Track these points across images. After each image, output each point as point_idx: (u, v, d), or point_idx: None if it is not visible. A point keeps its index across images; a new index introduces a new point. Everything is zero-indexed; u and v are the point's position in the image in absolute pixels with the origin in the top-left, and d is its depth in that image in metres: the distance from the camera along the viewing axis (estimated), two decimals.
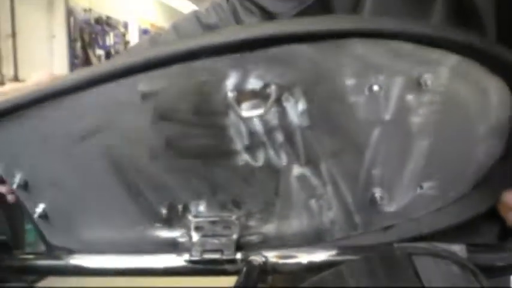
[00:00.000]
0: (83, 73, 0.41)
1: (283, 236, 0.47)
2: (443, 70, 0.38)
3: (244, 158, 0.42)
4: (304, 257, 0.45)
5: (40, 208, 0.48)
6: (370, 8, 0.48)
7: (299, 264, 0.45)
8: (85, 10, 4.31)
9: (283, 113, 0.41)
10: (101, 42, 4.69)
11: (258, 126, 0.42)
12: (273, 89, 0.40)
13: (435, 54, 0.38)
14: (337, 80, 0.39)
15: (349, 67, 0.39)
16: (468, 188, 0.43)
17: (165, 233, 0.47)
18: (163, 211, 0.45)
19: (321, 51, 0.39)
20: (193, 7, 5.97)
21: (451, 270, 0.37)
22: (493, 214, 0.44)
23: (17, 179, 0.47)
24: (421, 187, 0.43)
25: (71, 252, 0.48)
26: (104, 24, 4.65)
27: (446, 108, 0.39)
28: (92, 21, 4.44)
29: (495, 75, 0.38)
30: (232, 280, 0.42)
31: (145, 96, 0.41)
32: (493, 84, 0.38)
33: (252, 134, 0.42)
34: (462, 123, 0.40)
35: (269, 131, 0.42)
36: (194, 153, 0.42)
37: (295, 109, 0.41)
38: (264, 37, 0.39)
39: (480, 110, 0.39)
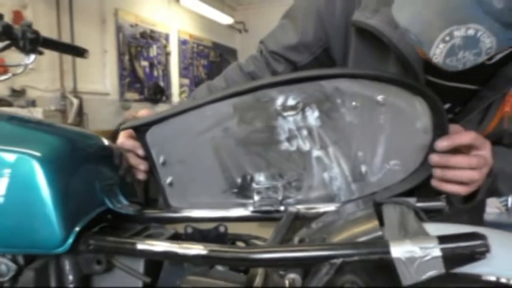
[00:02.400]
0: (203, 99, 0.77)
1: (309, 199, 0.78)
2: (389, 93, 0.69)
3: (285, 145, 0.76)
4: (322, 209, 0.76)
5: (169, 179, 0.83)
6: (352, 59, 0.80)
7: (318, 213, 0.76)
8: (131, 26, 4.75)
9: (306, 118, 0.74)
10: (145, 54, 5.12)
11: (292, 125, 0.75)
12: (300, 105, 0.73)
13: (384, 85, 0.69)
14: (334, 100, 0.71)
15: (339, 93, 0.71)
16: (417, 164, 0.73)
17: (239, 195, 0.80)
18: (239, 180, 0.78)
19: (326, 84, 0.71)
20: (227, 18, 6.35)
21: (403, 210, 0.67)
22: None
23: (161, 159, 0.82)
24: (389, 164, 0.74)
25: (182, 208, 0.82)
26: (148, 37, 5.08)
27: (395, 114, 0.70)
28: (138, 36, 4.88)
29: (416, 95, 0.68)
30: None
31: (235, 109, 0.75)
32: (417, 101, 0.69)
33: (289, 130, 0.75)
34: (406, 123, 0.70)
35: (299, 128, 0.75)
36: (259, 142, 0.76)
37: (313, 115, 0.74)
38: (297, 78, 0.72)
39: (414, 114, 0.70)
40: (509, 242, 0.57)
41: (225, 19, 6.38)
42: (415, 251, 0.52)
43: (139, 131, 0.81)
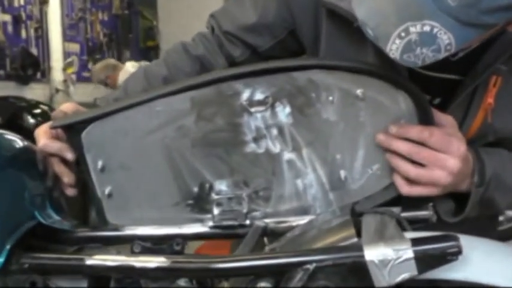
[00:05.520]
0: (154, 92, 1.08)
1: (279, 212, 1.11)
2: (369, 87, 1.03)
3: (252, 146, 1.08)
4: (294, 223, 1.09)
5: (108, 189, 1.12)
6: (324, 46, 1.15)
7: (290, 227, 1.09)
8: None
9: (275, 114, 1.07)
10: (5, 3, 5.16)
11: (260, 123, 1.08)
12: (269, 99, 1.07)
13: (363, 78, 1.03)
14: (307, 94, 1.05)
15: (313, 85, 1.04)
16: None
17: (195, 208, 1.11)
18: (195, 190, 1.10)
19: (298, 76, 1.04)
20: None
21: (384, 219, 1.02)
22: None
23: (99, 164, 1.11)
24: (371, 169, 1.08)
25: (124, 225, 1.13)
26: None
27: (377, 111, 1.04)
28: None
29: (400, 90, 1.03)
30: None
31: (193, 104, 1.07)
32: (400, 95, 1.03)
33: (257, 129, 1.08)
34: (389, 120, 1.04)
35: (268, 127, 1.08)
36: (220, 143, 1.08)
37: (283, 112, 1.07)
38: (266, 69, 1.05)
39: (397, 111, 1.04)
40: (485, 248, 0.93)
41: None
42: (388, 254, 0.85)
43: (73, 130, 1.11)
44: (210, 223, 1.10)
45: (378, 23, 0.88)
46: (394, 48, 0.88)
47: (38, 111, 4.68)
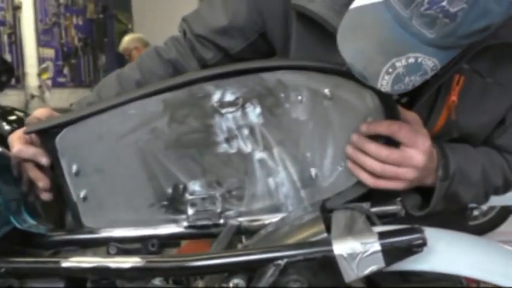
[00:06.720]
0: (127, 95, 1.11)
1: (252, 210, 1.14)
2: (336, 86, 1.07)
3: (224, 147, 1.12)
4: (267, 221, 1.12)
5: (83, 192, 1.14)
6: (294, 47, 1.18)
7: (263, 225, 1.12)
8: None
9: (246, 115, 1.10)
10: None
11: (232, 124, 1.11)
12: (240, 100, 1.10)
13: (330, 77, 1.07)
14: (276, 94, 1.08)
15: (282, 86, 1.08)
16: None
17: (170, 209, 1.14)
18: (169, 191, 1.13)
19: (267, 77, 1.08)
20: None
21: (353, 215, 1.05)
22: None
23: (74, 168, 1.13)
24: (341, 166, 1.11)
25: (100, 228, 1.15)
26: None
27: (345, 109, 1.08)
28: None
29: (366, 88, 1.06)
30: None
31: (165, 107, 1.09)
32: (367, 94, 1.07)
33: (228, 129, 1.11)
34: (357, 118, 1.08)
35: (239, 127, 1.11)
36: (193, 144, 1.11)
37: (254, 112, 1.11)
38: (235, 71, 1.08)
39: (365, 109, 1.08)
40: (450, 239, 0.96)
41: None
42: (356, 247, 0.88)
43: (47, 135, 1.13)
44: (185, 223, 1.13)
45: (365, 65, 0.93)
46: (384, 84, 0.93)
47: (13, 117, 4.64)
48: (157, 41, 1.45)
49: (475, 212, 4.09)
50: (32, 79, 5.86)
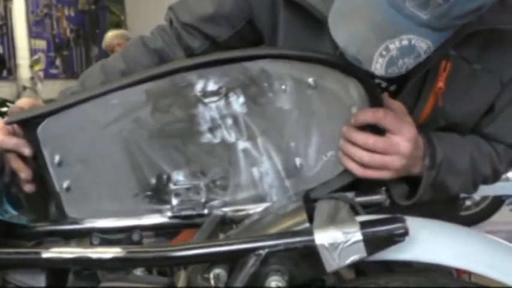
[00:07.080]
0: (109, 85, 1.10)
1: (237, 200, 1.13)
2: (320, 75, 1.06)
3: (208, 137, 1.11)
4: (252, 210, 1.12)
5: (66, 183, 1.14)
6: (282, 35, 1.17)
7: (247, 215, 1.11)
8: None
9: (230, 104, 1.10)
10: None
11: (215, 113, 1.10)
12: (223, 89, 1.09)
13: (314, 66, 1.06)
14: (260, 83, 1.07)
15: (265, 75, 1.07)
16: None
17: (154, 199, 1.13)
18: (153, 181, 1.12)
19: (250, 66, 1.07)
20: None
21: (337, 204, 1.04)
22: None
23: (56, 159, 1.13)
24: (326, 156, 1.11)
25: (83, 218, 1.14)
26: None
27: (329, 99, 1.07)
28: None
29: (350, 77, 1.06)
30: None
31: (148, 96, 1.09)
32: (351, 83, 1.06)
33: (212, 119, 1.10)
34: (341, 108, 1.08)
35: (222, 116, 1.10)
36: (176, 134, 1.10)
37: (238, 101, 1.10)
38: (218, 60, 1.07)
39: (349, 99, 1.07)
40: (432, 228, 0.96)
41: None
42: (337, 237, 0.88)
43: (29, 125, 1.12)
44: (169, 213, 1.13)
45: (359, 48, 0.94)
46: (378, 67, 0.93)
47: (4, 109, 4.64)
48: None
49: (468, 202, 4.10)
50: (24, 71, 5.86)
